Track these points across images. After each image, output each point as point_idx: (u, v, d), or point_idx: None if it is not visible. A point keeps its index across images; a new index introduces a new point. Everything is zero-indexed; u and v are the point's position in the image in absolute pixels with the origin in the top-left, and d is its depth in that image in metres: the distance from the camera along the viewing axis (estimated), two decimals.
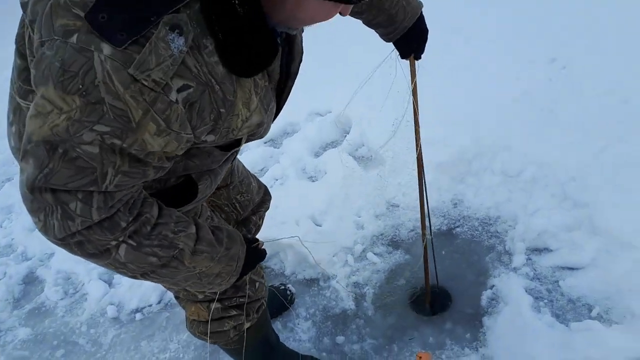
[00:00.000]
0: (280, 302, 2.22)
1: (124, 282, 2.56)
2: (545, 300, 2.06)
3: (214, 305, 1.46)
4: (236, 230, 1.23)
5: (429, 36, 1.54)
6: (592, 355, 1.79)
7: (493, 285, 2.17)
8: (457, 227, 2.50)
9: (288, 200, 2.69)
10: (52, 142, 0.79)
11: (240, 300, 1.51)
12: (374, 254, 2.45)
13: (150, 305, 2.44)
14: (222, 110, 0.90)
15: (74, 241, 0.90)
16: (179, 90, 0.81)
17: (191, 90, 0.82)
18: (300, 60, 1.16)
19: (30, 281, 2.80)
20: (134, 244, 0.95)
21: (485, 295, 2.15)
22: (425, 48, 1.57)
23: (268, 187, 3.02)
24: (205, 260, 1.08)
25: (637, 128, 2.50)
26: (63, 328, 2.45)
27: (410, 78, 1.61)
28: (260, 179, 3.02)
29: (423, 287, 2.21)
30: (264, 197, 1.86)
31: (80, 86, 0.75)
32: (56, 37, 0.76)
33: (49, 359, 2.32)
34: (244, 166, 1.74)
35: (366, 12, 1.43)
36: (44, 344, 2.40)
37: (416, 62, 1.61)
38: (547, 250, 2.23)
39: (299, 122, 3.45)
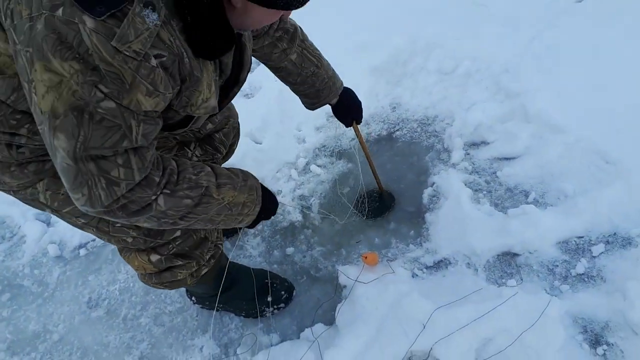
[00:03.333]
0: None
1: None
2: (484, 192, 2.13)
3: (153, 257, 1.44)
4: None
5: None
6: (528, 237, 1.88)
7: (433, 183, 2.22)
8: (397, 130, 2.50)
9: None
10: (78, 107, 0.87)
11: (177, 246, 1.45)
12: (317, 165, 2.45)
13: (93, 240, 2.37)
14: (186, 79, 1.02)
15: (118, 206, 1.00)
16: (156, 57, 0.91)
17: (164, 58, 0.93)
18: (249, 70, 1.32)
19: None
20: (168, 192, 1.07)
21: (427, 193, 2.19)
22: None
23: None
24: (230, 191, 1.22)
25: (565, 12, 2.51)
26: (5, 272, 2.36)
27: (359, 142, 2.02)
28: None
29: (367, 193, 2.24)
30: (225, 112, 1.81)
31: (77, 55, 0.84)
32: (44, 12, 0.83)
33: None
34: None
35: (299, 84, 1.72)
36: None
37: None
38: (484, 143, 2.28)
39: None
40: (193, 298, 1.96)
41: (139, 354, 1.93)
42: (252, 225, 1.42)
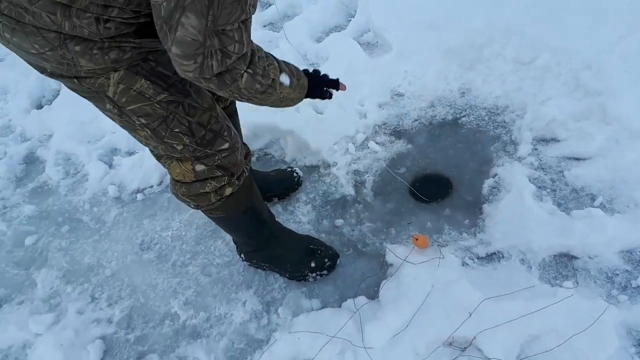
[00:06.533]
0: (287, 184, 2.25)
1: (124, 163, 2.55)
2: (548, 190, 2.05)
3: (199, 167, 1.47)
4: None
5: None
6: (591, 241, 1.79)
7: (496, 174, 2.15)
8: (464, 116, 2.43)
9: None
10: None
11: (223, 159, 1.49)
12: (376, 142, 2.41)
13: (151, 187, 2.45)
14: None
15: (218, 73, 1.11)
16: None
17: None
18: None
19: (31, 161, 2.81)
20: (251, 72, 1.20)
21: (487, 183, 2.13)
22: None
23: None
24: (287, 88, 1.37)
25: None
26: (67, 206, 2.49)
27: None
28: None
29: (423, 175, 2.20)
30: None
31: None
32: None
33: (55, 234, 2.37)
34: None
35: None
36: (49, 220, 2.44)
37: None
38: (554, 140, 2.18)
39: (300, 4, 3.26)
40: (242, 255, 2.00)
41: (184, 299, 1.99)
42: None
